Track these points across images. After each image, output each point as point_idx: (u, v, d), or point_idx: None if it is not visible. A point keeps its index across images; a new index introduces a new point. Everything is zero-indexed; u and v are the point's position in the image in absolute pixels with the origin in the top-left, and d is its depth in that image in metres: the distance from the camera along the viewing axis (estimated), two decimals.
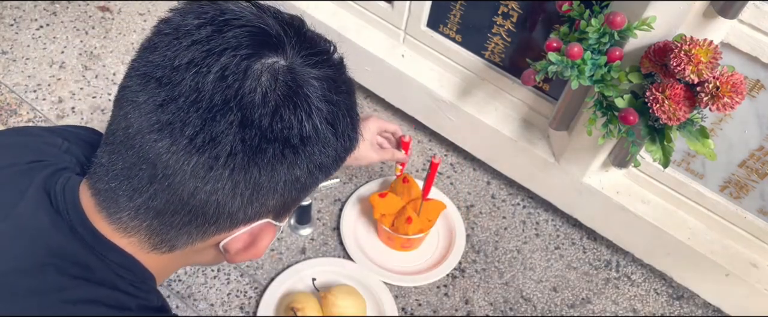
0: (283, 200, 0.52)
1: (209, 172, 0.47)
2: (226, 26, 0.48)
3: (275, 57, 0.48)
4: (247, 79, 0.46)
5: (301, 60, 0.49)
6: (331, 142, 0.51)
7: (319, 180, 0.55)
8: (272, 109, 0.47)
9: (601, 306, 1.17)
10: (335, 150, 0.52)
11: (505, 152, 1.21)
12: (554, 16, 1.03)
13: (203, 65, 0.46)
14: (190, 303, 1.08)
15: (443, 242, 1.22)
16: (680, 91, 0.82)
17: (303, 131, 0.48)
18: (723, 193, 1.04)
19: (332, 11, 1.32)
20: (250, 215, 0.52)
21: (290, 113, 0.47)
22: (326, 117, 0.50)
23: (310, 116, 0.49)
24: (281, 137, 0.47)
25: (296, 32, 0.51)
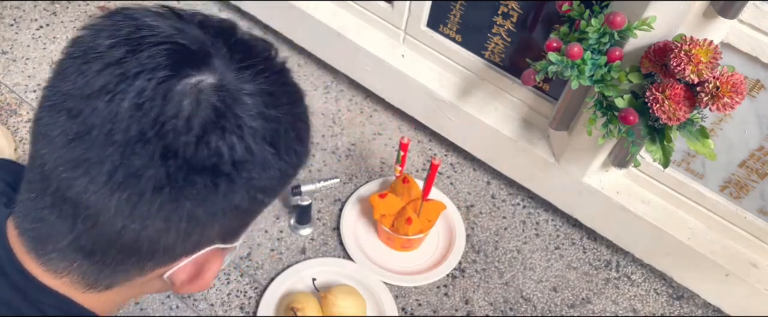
0: (225, 227, 0.49)
1: (135, 209, 0.43)
2: (142, 45, 0.43)
3: (200, 75, 0.43)
4: (166, 104, 0.41)
5: (234, 73, 0.45)
6: (273, 162, 0.46)
7: (267, 202, 0.51)
8: (196, 135, 0.42)
9: (601, 306, 1.17)
10: (279, 170, 0.47)
11: (505, 152, 1.21)
12: (554, 16, 1.03)
13: (117, 92, 0.41)
14: (190, 303, 1.08)
15: (443, 242, 1.22)
16: (680, 91, 0.82)
17: (235, 156, 0.43)
18: (723, 193, 1.04)
19: (332, 11, 1.32)
20: (189, 247, 0.48)
21: (217, 137, 0.43)
22: (263, 136, 0.45)
23: (242, 138, 0.44)
24: (210, 165, 0.43)
25: (226, 41, 0.46)
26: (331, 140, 1.34)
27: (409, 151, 1.35)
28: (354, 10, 1.30)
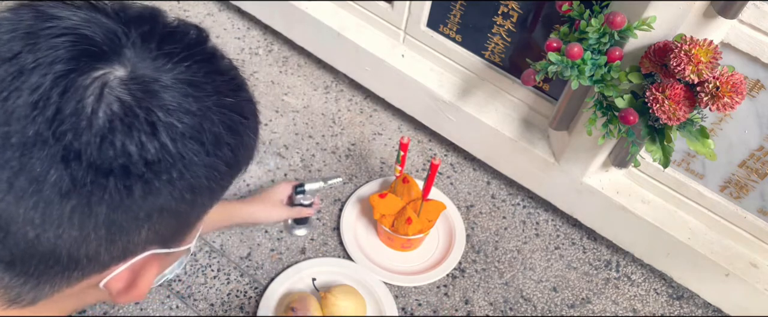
0: (158, 231, 0.45)
1: (44, 217, 0.39)
2: (41, 38, 0.39)
3: (107, 67, 0.40)
4: (65, 101, 0.38)
5: (150, 63, 0.41)
6: (198, 160, 0.43)
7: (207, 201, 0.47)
8: (99, 135, 0.38)
9: (601, 306, 1.17)
10: (208, 167, 0.44)
11: (505, 152, 1.21)
12: (554, 16, 1.03)
13: (12, 90, 0.38)
14: (190, 303, 1.08)
15: (443, 242, 1.22)
16: (680, 91, 0.82)
17: (146, 156, 0.40)
18: (723, 193, 1.04)
19: (332, 11, 1.32)
20: (118, 255, 0.45)
21: (124, 136, 0.39)
22: (183, 133, 0.41)
23: (155, 135, 0.40)
24: (118, 167, 0.39)
25: (142, 30, 0.43)
26: (331, 140, 1.34)
27: (409, 151, 1.35)
28: (354, 10, 1.30)
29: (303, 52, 1.47)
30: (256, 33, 1.52)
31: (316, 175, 1.28)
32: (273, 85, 1.42)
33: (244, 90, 0.48)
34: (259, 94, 1.40)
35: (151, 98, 0.40)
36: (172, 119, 0.41)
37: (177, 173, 0.42)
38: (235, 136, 0.46)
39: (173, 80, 0.42)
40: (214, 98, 0.44)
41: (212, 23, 1.52)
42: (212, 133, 0.43)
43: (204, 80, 0.44)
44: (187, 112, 0.42)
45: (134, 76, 0.41)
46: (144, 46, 0.42)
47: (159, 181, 0.41)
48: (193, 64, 0.43)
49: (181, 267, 0.56)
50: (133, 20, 0.43)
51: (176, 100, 0.41)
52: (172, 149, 0.41)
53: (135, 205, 0.41)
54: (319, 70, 1.47)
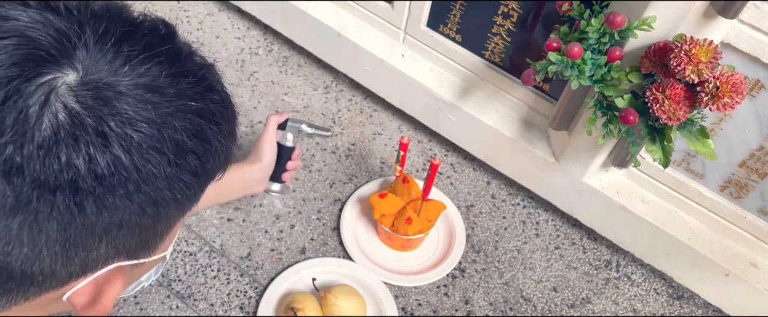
0: (120, 245, 0.42)
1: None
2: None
3: (56, 72, 0.37)
4: (6, 111, 0.35)
5: (105, 66, 0.38)
6: (159, 171, 0.40)
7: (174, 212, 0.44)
8: (43, 148, 0.35)
9: (601, 306, 1.17)
10: (171, 179, 0.41)
11: (505, 152, 1.21)
12: (554, 16, 1.03)
13: None
14: (190, 303, 1.08)
15: (443, 242, 1.22)
16: (680, 91, 0.82)
17: (97, 170, 0.37)
18: (723, 193, 1.04)
19: (332, 11, 1.32)
20: (77, 270, 0.42)
21: (70, 149, 0.36)
22: (139, 143, 0.38)
23: (107, 147, 0.37)
24: (65, 182, 0.36)
25: (99, 29, 0.39)
26: (331, 140, 1.34)
27: (409, 151, 1.35)
28: (354, 10, 1.30)
29: (303, 52, 1.47)
30: (256, 33, 1.52)
31: (316, 175, 1.28)
32: (273, 85, 1.42)
33: (214, 92, 0.44)
34: (259, 94, 1.40)
35: (103, 105, 0.37)
36: (126, 129, 0.38)
37: (134, 186, 0.39)
38: (203, 143, 0.42)
39: (131, 85, 0.38)
40: (177, 103, 0.40)
41: (212, 23, 1.52)
42: (174, 141, 0.40)
43: (166, 83, 0.40)
44: (145, 120, 0.38)
45: (86, 82, 0.37)
46: (99, 48, 0.39)
47: (113, 196, 0.38)
48: (155, 66, 0.40)
49: (158, 274, 0.54)
50: (89, 19, 0.39)
51: (133, 107, 0.38)
52: (126, 162, 0.38)
53: (88, 221, 0.39)
54: (319, 70, 1.47)
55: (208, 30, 1.51)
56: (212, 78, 0.45)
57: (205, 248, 1.15)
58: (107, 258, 0.43)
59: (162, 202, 0.41)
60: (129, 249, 0.44)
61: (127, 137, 0.38)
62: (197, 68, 0.43)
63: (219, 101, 0.44)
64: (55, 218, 0.37)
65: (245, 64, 1.45)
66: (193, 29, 1.51)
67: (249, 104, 1.38)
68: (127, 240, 0.42)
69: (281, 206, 1.22)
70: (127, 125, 0.38)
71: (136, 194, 0.39)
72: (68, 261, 0.40)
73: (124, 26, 0.40)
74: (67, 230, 0.38)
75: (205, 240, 1.16)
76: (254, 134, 1.33)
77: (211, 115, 0.43)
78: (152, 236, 0.45)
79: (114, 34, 0.39)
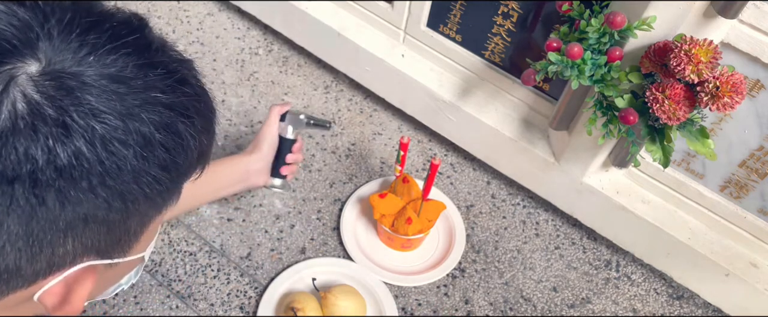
0: (86, 243, 0.41)
1: None
2: None
3: (17, 63, 0.36)
4: None
5: (70, 56, 0.37)
6: (124, 165, 0.38)
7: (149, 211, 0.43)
8: (1, 138, 0.35)
9: (601, 305, 1.17)
10: (138, 173, 0.40)
11: (505, 152, 1.21)
12: (554, 16, 1.03)
13: None
14: (190, 303, 1.08)
15: (443, 242, 1.22)
16: (680, 91, 0.82)
17: (57, 162, 0.36)
18: (723, 193, 1.04)
19: (332, 11, 1.32)
20: (44, 268, 0.41)
21: (28, 140, 0.35)
22: (103, 135, 0.37)
23: (68, 138, 0.36)
24: (22, 174, 0.35)
25: (64, 19, 0.38)
26: (331, 140, 1.34)
27: (409, 151, 1.35)
28: (354, 10, 1.30)
29: (303, 52, 1.47)
30: (256, 33, 1.52)
31: (316, 175, 1.28)
32: (273, 85, 1.42)
33: (187, 85, 0.43)
34: (259, 94, 1.40)
35: (65, 96, 0.36)
36: (89, 121, 0.36)
37: (97, 179, 0.38)
38: (173, 137, 0.41)
39: (96, 75, 0.37)
40: (145, 94, 0.39)
41: (212, 23, 1.52)
42: (141, 134, 0.39)
43: (133, 74, 0.39)
44: (110, 111, 0.37)
45: (48, 72, 0.36)
46: (63, 37, 0.38)
47: (75, 189, 0.37)
48: (122, 57, 0.39)
49: (137, 276, 0.52)
50: (55, 10, 0.38)
51: (97, 98, 0.37)
52: (88, 154, 0.37)
53: (51, 215, 0.37)
54: (319, 70, 1.47)
55: (208, 30, 1.51)
56: (185, 72, 0.43)
57: (205, 248, 1.15)
58: (75, 256, 0.42)
59: (129, 196, 0.40)
60: (99, 247, 0.43)
61: (89, 128, 0.36)
62: (168, 61, 0.42)
63: (192, 94, 0.43)
64: (15, 211, 0.36)
65: (245, 64, 1.46)
66: (193, 29, 1.51)
67: (249, 104, 1.38)
68: (96, 236, 0.41)
69: (281, 206, 1.22)
70: (91, 116, 0.36)
71: (101, 187, 0.38)
72: (33, 258, 0.39)
73: (91, 17, 0.39)
74: (30, 225, 0.37)
75: (205, 240, 1.16)
76: (254, 133, 1.33)
77: (183, 108, 0.42)
78: (124, 234, 0.44)
79: (80, 24, 0.38)
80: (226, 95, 1.39)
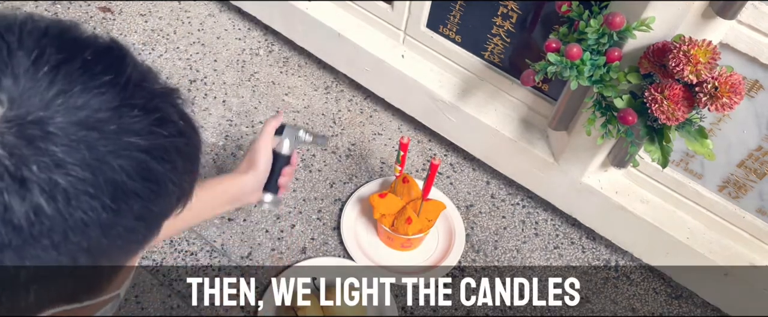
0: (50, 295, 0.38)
1: None
2: None
3: None
4: None
5: (37, 97, 0.33)
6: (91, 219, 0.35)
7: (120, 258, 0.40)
8: None
9: (600, 305, 1.18)
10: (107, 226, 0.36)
11: (504, 152, 1.22)
12: (553, 16, 1.03)
13: None
14: (191, 302, 1.08)
15: (443, 241, 1.22)
16: (679, 91, 0.82)
17: (12, 220, 0.32)
18: (722, 193, 1.05)
19: (332, 12, 1.32)
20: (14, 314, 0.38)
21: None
22: (66, 189, 0.33)
23: (27, 193, 0.32)
24: None
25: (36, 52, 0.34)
26: (331, 140, 1.35)
27: (409, 151, 1.35)
28: (354, 10, 1.30)
29: (303, 52, 1.47)
30: (257, 34, 1.53)
31: (316, 175, 1.28)
32: (274, 85, 1.43)
33: (168, 125, 0.38)
34: (259, 94, 1.40)
35: (26, 146, 0.32)
36: (51, 174, 0.33)
37: (60, 237, 0.34)
38: (149, 184, 0.37)
39: (64, 123, 0.33)
40: (119, 140, 0.35)
41: (213, 24, 1.53)
42: (112, 184, 0.35)
43: (107, 117, 0.35)
44: (77, 162, 0.33)
45: (10, 118, 0.32)
46: (30, 76, 0.33)
47: (35, 248, 0.34)
48: (95, 98, 0.35)
49: (113, 311, 0.49)
50: (22, 43, 0.34)
51: (62, 148, 0.33)
52: (48, 211, 0.33)
53: (7, 274, 0.34)
54: (320, 70, 1.47)
55: (209, 31, 1.51)
56: (167, 109, 0.39)
57: (206, 247, 1.15)
58: (40, 306, 0.38)
59: (97, 250, 0.36)
60: (67, 296, 0.39)
61: (51, 182, 0.33)
62: (148, 98, 0.38)
63: (173, 134, 0.38)
64: None
65: (246, 64, 1.46)
66: (194, 30, 1.51)
67: (250, 104, 1.38)
68: (62, 288, 0.38)
69: (282, 205, 1.23)
70: (54, 169, 0.33)
71: (64, 244, 0.34)
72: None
73: (63, 51, 0.35)
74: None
75: (206, 240, 1.16)
76: (254, 134, 1.34)
77: (162, 152, 0.37)
78: (96, 280, 0.40)
79: (49, 60, 0.34)
80: (226, 95, 1.39)
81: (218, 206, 0.89)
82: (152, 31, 1.50)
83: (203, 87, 1.40)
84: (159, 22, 1.52)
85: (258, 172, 0.89)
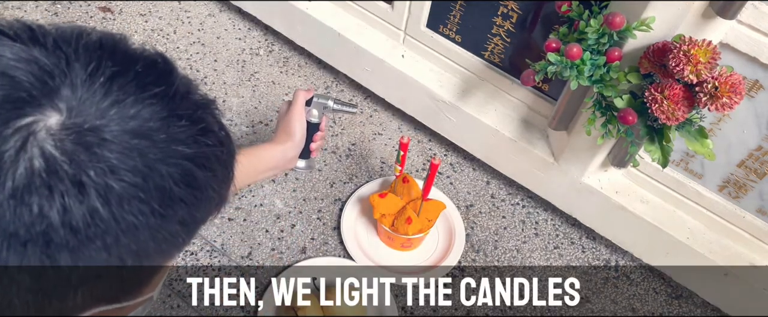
0: (95, 294, 0.40)
1: None
2: None
3: (38, 114, 0.34)
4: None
5: (93, 107, 0.35)
6: (141, 222, 0.37)
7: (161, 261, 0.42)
8: (14, 197, 0.33)
9: (600, 305, 1.18)
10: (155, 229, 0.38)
11: (504, 152, 1.22)
12: (554, 16, 1.03)
13: None
14: (191, 302, 1.08)
15: (443, 241, 1.22)
16: (679, 91, 0.82)
17: (71, 222, 0.34)
18: (722, 193, 1.05)
19: (332, 11, 1.32)
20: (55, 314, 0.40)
21: (42, 199, 0.34)
22: (120, 193, 0.35)
23: (84, 197, 0.34)
24: (35, 234, 0.34)
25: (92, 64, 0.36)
26: (332, 140, 1.35)
27: (409, 151, 1.35)
28: (354, 10, 1.30)
29: (304, 52, 1.47)
30: (257, 34, 1.53)
31: (316, 174, 1.28)
32: (274, 85, 1.43)
33: (210, 135, 0.41)
34: (259, 94, 1.40)
35: (83, 152, 0.34)
36: (107, 179, 0.35)
37: (112, 238, 0.36)
38: (193, 191, 0.39)
39: (117, 131, 0.36)
40: (167, 148, 0.37)
41: (213, 24, 1.53)
42: (160, 190, 0.37)
43: (157, 127, 0.37)
44: (130, 169, 0.36)
45: (69, 125, 0.35)
46: (87, 87, 0.36)
47: (89, 249, 0.36)
48: (146, 109, 0.37)
49: (145, 312, 0.51)
50: (79, 55, 0.37)
51: (116, 155, 0.35)
52: (104, 214, 0.35)
53: (62, 273, 0.36)
54: (320, 70, 1.47)
55: (209, 31, 1.51)
56: (209, 119, 0.42)
57: (206, 247, 1.15)
58: (84, 306, 0.41)
59: (144, 253, 0.39)
60: (109, 297, 0.42)
61: (106, 186, 0.35)
62: (193, 109, 0.40)
63: (215, 144, 0.41)
64: (25, 270, 0.35)
65: (246, 64, 1.46)
66: (194, 30, 1.51)
67: (250, 104, 1.38)
68: (106, 289, 0.40)
69: (282, 205, 1.23)
70: (109, 174, 0.35)
71: (115, 246, 0.37)
72: (41, 310, 0.38)
73: (116, 63, 0.37)
74: (39, 281, 0.36)
75: (206, 240, 1.16)
76: (255, 134, 1.34)
77: (205, 160, 0.40)
78: (136, 283, 0.43)
79: (104, 72, 0.37)
80: (226, 95, 1.39)
81: (257, 174, 0.94)
82: (152, 31, 1.50)
83: (203, 87, 1.40)
84: (159, 22, 1.52)
85: (295, 142, 0.95)
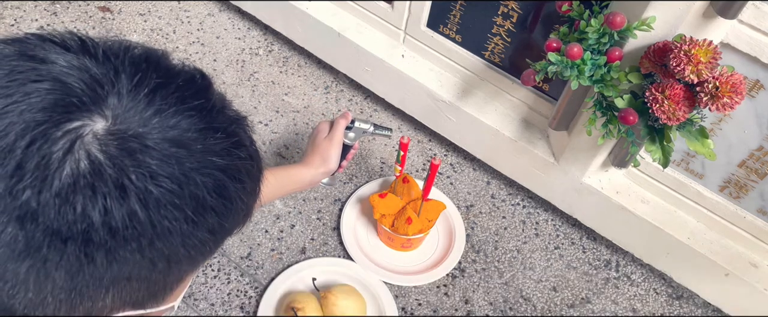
0: (124, 297, 0.42)
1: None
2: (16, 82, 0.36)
3: (85, 119, 0.36)
4: (30, 156, 0.35)
5: (136, 116, 0.38)
6: (175, 228, 0.39)
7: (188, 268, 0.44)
8: (59, 196, 0.35)
9: (600, 305, 1.17)
10: (187, 236, 0.40)
11: (504, 152, 1.22)
12: (554, 16, 1.03)
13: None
14: (191, 302, 1.08)
15: (443, 242, 1.22)
16: (680, 91, 0.82)
17: (111, 222, 0.36)
18: (722, 193, 1.04)
19: (332, 11, 1.32)
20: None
21: (86, 199, 0.35)
22: (158, 198, 0.37)
23: (124, 200, 0.36)
24: (76, 233, 0.36)
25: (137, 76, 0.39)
26: None
27: (409, 151, 1.35)
28: (354, 10, 1.30)
29: (303, 52, 1.47)
30: (257, 33, 1.52)
31: None
32: (273, 85, 1.43)
33: (242, 149, 0.43)
34: (259, 94, 1.40)
35: (126, 157, 0.37)
36: (146, 183, 0.37)
37: (147, 241, 0.38)
38: (224, 201, 0.41)
39: (158, 138, 0.38)
40: (203, 159, 0.40)
41: (213, 23, 1.53)
42: (194, 198, 0.39)
43: (194, 137, 0.39)
44: (168, 175, 0.38)
45: (114, 131, 0.37)
46: (132, 96, 0.38)
47: (125, 250, 0.38)
48: (185, 120, 0.39)
49: None
50: (126, 66, 0.39)
51: (157, 161, 0.37)
52: (142, 217, 0.37)
53: (97, 273, 0.38)
54: (320, 70, 1.47)
55: (209, 30, 1.51)
56: (242, 134, 0.44)
57: None
58: (112, 309, 0.42)
59: (174, 258, 0.41)
60: (136, 301, 0.43)
61: (146, 191, 0.37)
62: (228, 123, 0.43)
63: (246, 158, 0.43)
64: (63, 267, 0.37)
65: (246, 64, 1.46)
66: (194, 29, 1.51)
67: (249, 104, 1.38)
68: (135, 292, 0.42)
69: (282, 206, 1.23)
70: (149, 179, 0.37)
71: (149, 249, 0.39)
72: (72, 310, 0.40)
73: (160, 76, 0.40)
74: (74, 280, 0.38)
75: None
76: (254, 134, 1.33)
77: (236, 172, 0.42)
78: (162, 289, 0.44)
79: (148, 83, 0.39)
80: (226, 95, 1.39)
81: (284, 191, 0.96)
82: (152, 30, 1.50)
83: None
84: (158, 21, 1.51)
85: (328, 169, 0.97)
